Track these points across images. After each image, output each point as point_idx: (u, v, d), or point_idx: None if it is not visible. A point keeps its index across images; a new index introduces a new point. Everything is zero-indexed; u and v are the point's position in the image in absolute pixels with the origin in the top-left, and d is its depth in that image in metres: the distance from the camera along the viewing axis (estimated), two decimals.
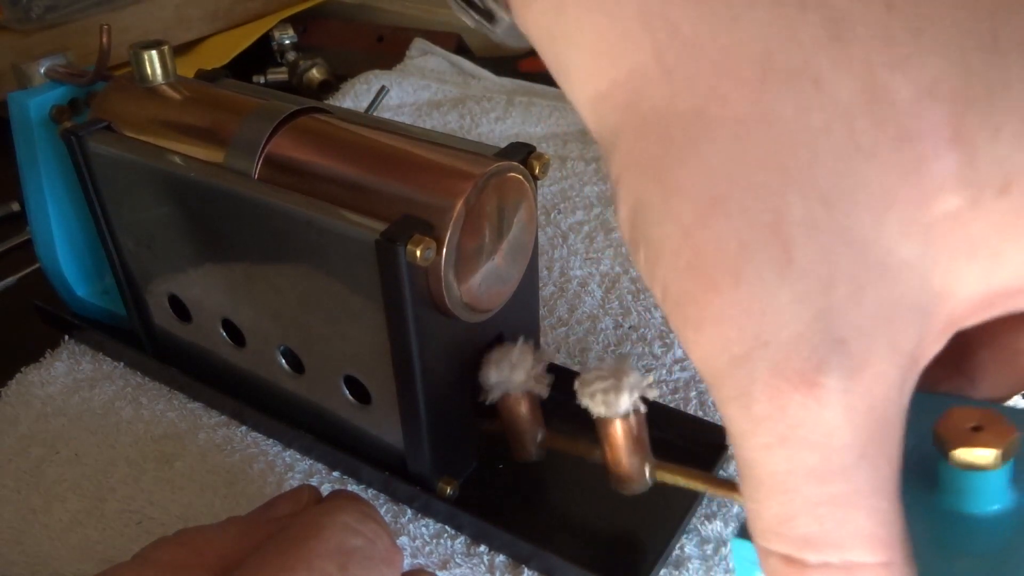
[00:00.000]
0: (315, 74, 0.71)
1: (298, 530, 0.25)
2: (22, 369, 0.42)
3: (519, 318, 0.34)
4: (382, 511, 0.34)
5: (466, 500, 0.33)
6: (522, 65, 0.72)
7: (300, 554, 0.24)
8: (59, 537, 0.33)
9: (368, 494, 0.35)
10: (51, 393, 0.40)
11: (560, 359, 0.40)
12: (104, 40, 0.37)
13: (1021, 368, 0.22)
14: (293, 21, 0.76)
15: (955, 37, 0.15)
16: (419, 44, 0.75)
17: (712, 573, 0.30)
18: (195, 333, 0.37)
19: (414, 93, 0.67)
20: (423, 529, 0.33)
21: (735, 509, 0.32)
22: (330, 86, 0.70)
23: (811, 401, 0.16)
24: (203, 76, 0.38)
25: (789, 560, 0.17)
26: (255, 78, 0.73)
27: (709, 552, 0.31)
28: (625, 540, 0.31)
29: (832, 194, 0.15)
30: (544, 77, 0.69)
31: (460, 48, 0.77)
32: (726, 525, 0.31)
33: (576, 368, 0.38)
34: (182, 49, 0.71)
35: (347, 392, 0.33)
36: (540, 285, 0.35)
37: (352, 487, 0.35)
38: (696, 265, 0.16)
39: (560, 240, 0.49)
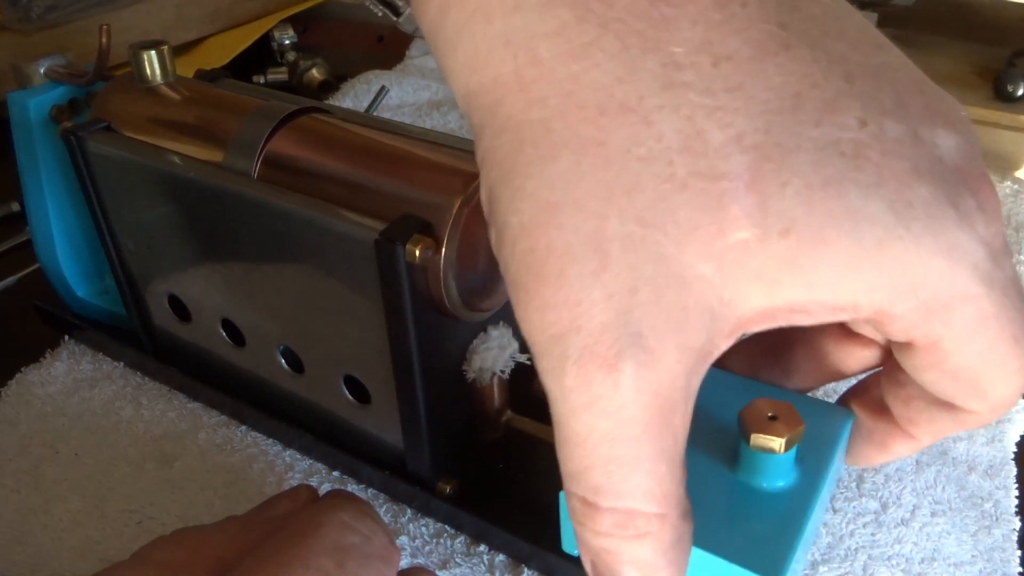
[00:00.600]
0: (315, 74, 0.71)
1: (296, 527, 0.25)
2: (22, 369, 0.42)
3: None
4: (382, 511, 0.34)
5: (466, 500, 0.33)
6: None
7: (298, 551, 0.24)
8: (59, 537, 0.33)
9: (368, 494, 0.35)
10: (51, 393, 0.40)
11: None
12: (104, 40, 0.37)
13: (827, 366, 0.26)
14: (293, 21, 0.76)
15: (765, 100, 0.18)
16: (419, 44, 0.75)
17: None
18: (195, 333, 0.37)
19: (414, 93, 0.67)
20: (423, 529, 0.33)
21: None
22: (330, 86, 0.70)
23: (609, 380, 0.19)
24: (203, 76, 0.38)
25: (585, 502, 0.20)
26: (255, 78, 0.73)
27: None
28: None
29: (647, 216, 0.18)
30: None
31: None
32: None
33: None
34: (182, 49, 0.71)
35: (347, 392, 0.33)
36: None
37: (352, 487, 0.35)
38: (529, 258, 0.20)
39: None
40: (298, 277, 0.31)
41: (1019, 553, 0.31)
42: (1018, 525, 0.33)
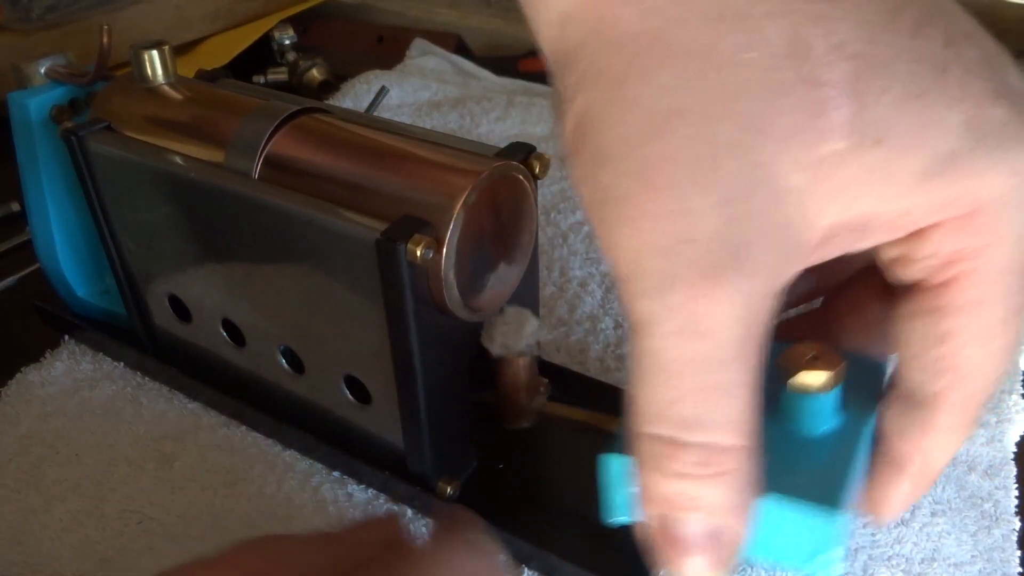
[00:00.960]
0: (315, 74, 0.71)
1: (401, 568, 0.22)
2: (22, 369, 0.42)
3: None
4: (382, 511, 0.34)
5: (466, 500, 0.33)
6: (522, 65, 0.72)
7: None
8: (59, 537, 0.33)
9: (368, 494, 0.35)
10: (51, 393, 0.40)
11: (560, 359, 0.40)
12: (105, 40, 0.37)
13: (875, 335, 0.26)
14: (293, 21, 0.76)
15: (866, 10, 0.19)
16: (419, 44, 0.75)
17: None
18: (195, 333, 0.37)
19: (414, 93, 0.67)
20: (423, 529, 0.33)
21: None
22: (330, 86, 0.70)
23: (715, 294, 0.19)
24: (203, 76, 0.38)
25: (668, 442, 0.20)
26: (255, 78, 0.73)
27: None
28: (625, 540, 0.31)
29: (755, 121, 0.19)
30: (544, 77, 0.69)
31: (460, 48, 0.77)
32: None
33: (576, 368, 0.38)
34: (182, 49, 0.71)
35: (347, 392, 0.33)
36: (540, 285, 0.35)
37: (352, 487, 0.35)
38: (641, 169, 0.19)
39: (560, 240, 0.49)
40: (299, 277, 0.31)
41: (1019, 553, 0.31)
42: (1018, 525, 0.33)
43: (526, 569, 0.31)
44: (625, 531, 0.32)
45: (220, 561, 0.23)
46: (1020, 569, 0.31)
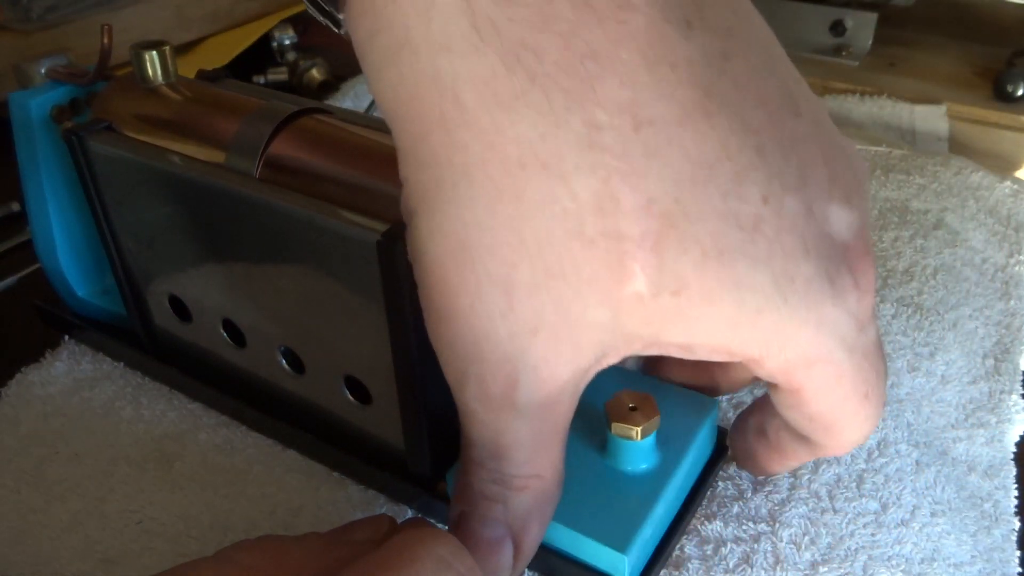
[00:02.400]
0: (315, 74, 0.71)
1: (387, 557, 0.23)
2: (22, 369, 0.42)
3: None
4: (382, 511, 0.34)
5: None
6: None
7: None
8: (59, 537, 0.33)
9: (368, 494, 0.35)
10: (51, 393, 0.40)
11: None
12: (106, 40, 0.37)
13: (704, 378, 0.32)
14: (293, 21, 0.76)
15: (679, 168, 0.19)
16: None
17: (712, 573, 0.31)
18: (195, 333, 0.37)
19: None
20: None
21: (735, 509, 0.32)
22: (330, 86, 0.70)
23: (506, 403, 0.22)
24: (204, 76, 0.38)
25: (478, 463, 0.25)
26: (255, 78, 0.73)
27: (709, 552, 0.31)
28: None
29: (553, 268, 0.20)
30: None
31: None
32: (726, 525, 0.31)
33: None
34: (182, 49, 0.71)
35: (347, 392, 0.33)
36: None
37: (352, 487, 0.35)
38: (442, 288, 0.21)
39: None
40: (300, 278, 0.31)
41: (1019, 553, 0.32)
42: (1018, 525, 0.33)
43: (526, 569, 0.31)
44: None
45: (216, 560, 0.24)
46: (1020, 569, 0.31)
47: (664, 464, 0.29)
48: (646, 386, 0.30)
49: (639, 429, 0.28)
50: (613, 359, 0.22)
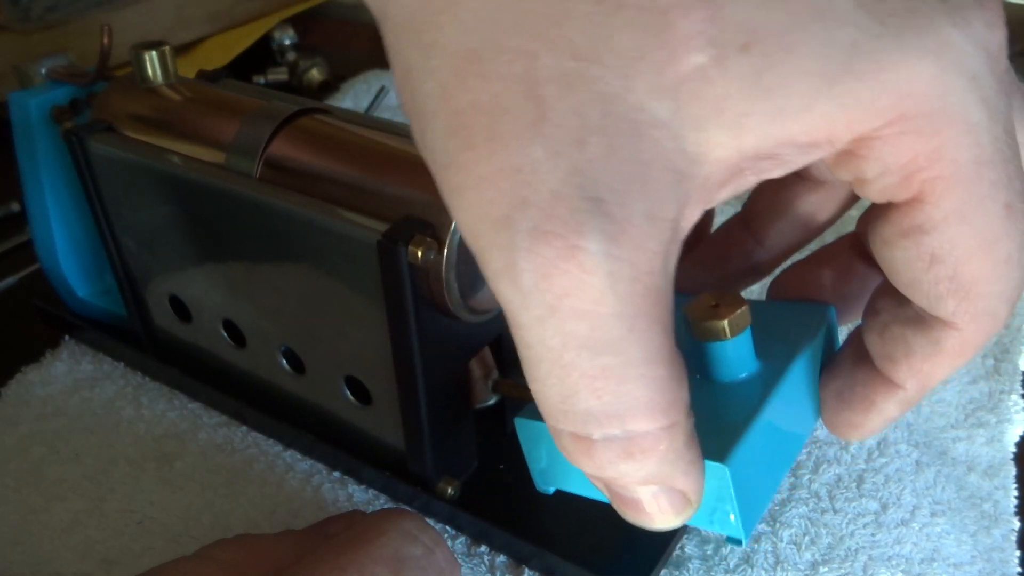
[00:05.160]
0: (315, 74, 0.71)
1: (355, 533, 0.25)
2: (22, 369, 0.42)
3: None
4: None
5: (467, 500, 0.33)
6: None
7: (355, 556, 0.24)
8: (59, 537, 0.33)
9: (369, 494, 0.35)
10: (51, 393, 0.40)
11: None
12: (105, 40, 0.37)
13: (800, 227, 0.23)
14: (293, 21, 0.76)
15: None
16: None
17: (712, 573, 0.31)
18: (196, 333, 0.37)
19: None
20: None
21: None
22: (330, 86, 0.70)
23: (574, 266, 0.15)
24: (204, 76, 0.38)
25: (576, 437, 0.17)
26: (255, 78, 0.73)
27: (709, 552, 0.31)
28: (625, 540, 0.31)
29: (582, 49, 0.15)
30: None
31: None
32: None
33: None
34: (182, 49, 0.71)
35: (348, 392, 0.33)
36: None
37: (352, 487, 0.35)
38: (454, 125, 0.16)
39: None
40: (299, 278, 0.31)
41: (1018, 553, 0.32)
42: (1017, 525, 0.33)
43: (526, 569, 0.31)
44: (625, 532, 0.32)
45: (196, 558, 0.25)
46: (1020, 569, 0.31)
47: (768, 370, 0.23)
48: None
49: (725, 323, 0.22)
50: (693, 209, 0.16)
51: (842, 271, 0.24)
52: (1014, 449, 0.36)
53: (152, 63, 0.35)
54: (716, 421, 0.22)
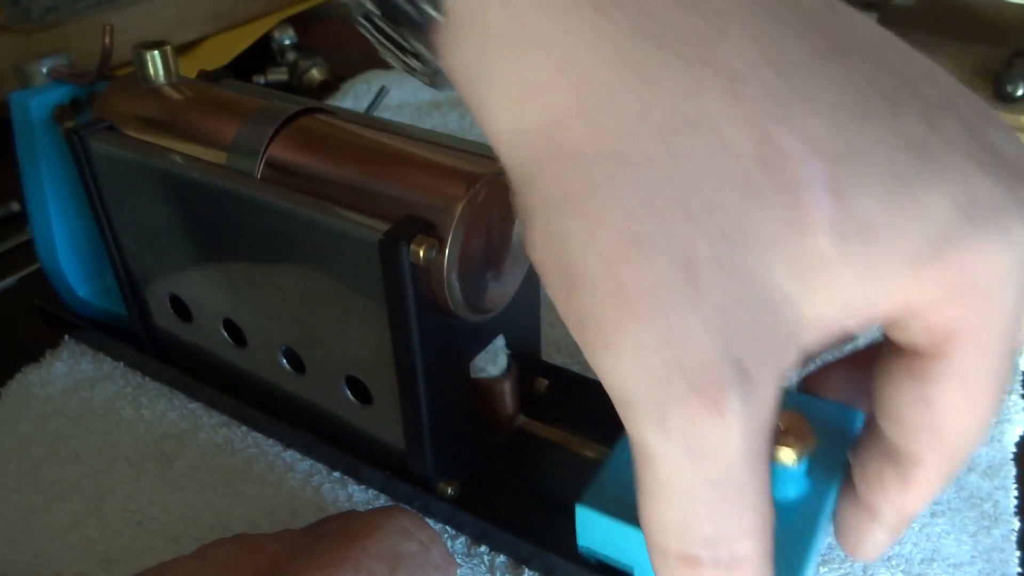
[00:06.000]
0: (315, 74, 0.71)
1: (352, 529, 0.25)
2: (22, 369, 0.42)
3: (520, 319, 0.34)
4: None
5: (467, 500, 0.33)
6: None
7: (351, 552, 0.24)
8: (59, 537, 0.33)
9: (369, 494, 0.35)
10: (51, 393, 0.40)
11: (560, 359, 0.40)
12: (107, 40, 0.37)
13: (854, 389, 0.26)
14: (293, 21, 0.76)
15: (834, 103, 0.18)
16: None
17: None
18: (196, 333, 0.37)
19: (414, 93, 0.67)
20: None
21: None
22: (330, 86, 0.71)
23: (717, 419, 0.18)
24: (205, 76, 0.38)
25: (686, 558, 0.20)
26: (255, 78, 0.73)
27: None
28: None
29: (732, 234, 0.18)
30: None
31: None
32: None
33: (576, 368, 0.38)
34: (182, 49, 0.71)
35: (348, 392, 0.33)
36: (540, 285, 0.35)
37: (352, 487, 0.35)
38: (618, 294, 0.18)
39: None
40: (300, 278, 0.31)
41: (1018, 553, 0.32)
42: (1017, 525, 0.33)
43: (526, 569, 0.31)
44: None
45: (194, 557, 0.25)
46: (1020, 569, 0.31)
47: (816, 488, 0.25)
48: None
49: (793, 454, 0.24)
50: (795, 363, 0.19)
51: (868, 376, 0.25)
52: (1014, 449, 0.36)
53: (154, 63, 0.35)
54: (777, 544, 0.23)
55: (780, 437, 0.24)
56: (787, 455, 0.24)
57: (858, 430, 0.26)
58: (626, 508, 0.25)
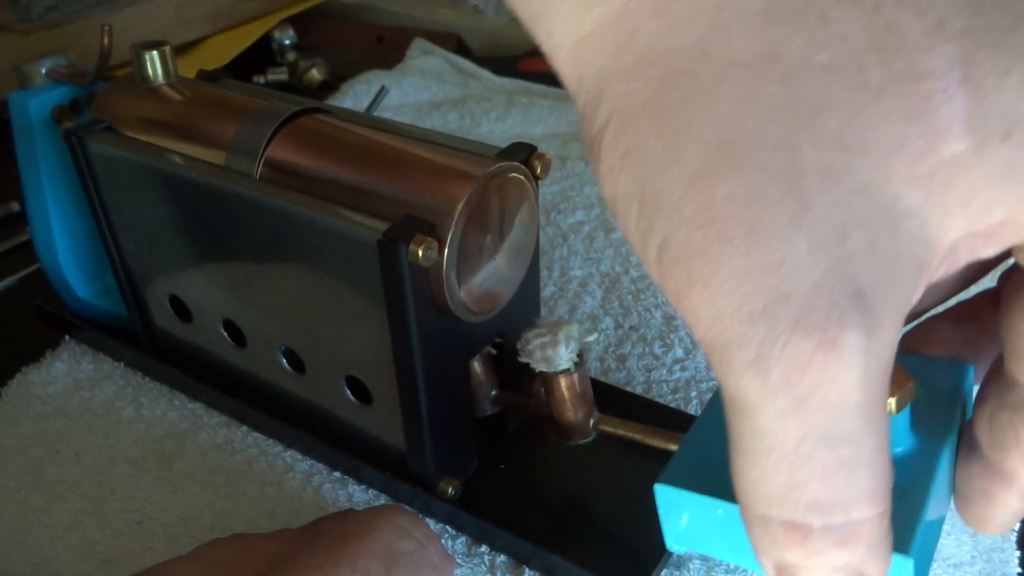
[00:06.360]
0: (315, 74, 0.71)
1: (349, 528, 0.25)
2: (22, 369, 0.42)
3: (520, 318, 0.34)
4: None
5: (467, 500, 0.33)
6: (522, 65, 0.72)
7: (347, 551, 0.24)
8: (59, 537, 0.33)
9: (369, 494, 0.35)
10: (51, 393, 0.40)
11: None
12: (106, 40, 0.37)
13: (939, 289, 0.21)
14: (293, 21, 0.76)
15: None
16: (419, 44, 0.75)
17: (712, 573, 0.31)
18: (196, 333, 0.37)
19: (414, 93, 0.67)
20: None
21: None
22: (330, 86, 0.71)
23: (832, 360, 0.15)
24: (204, 76, 0.38)
25: (793, 526, 0.17)
26: (255, 78, 0.73)
27: None
28: (625, 540, 0.31)
29: (844, 136, 0.15)
30: (544, 77, 0.70)
31: (460, 48, 0.77)
32: None
33: None
34: (182, 49, 0.71)
35: (348, 392, 0.33)
36: (541, 285, 0.35)
37: (352, 487, 0.35)
38: (704, 216, 0.15)
39: (560, 240, 0.49)
40: (300, 278, 0.31)
41: (1018, 553, 0.32)
42: (1017, 525, 0.33)
43: (526, 569, 0.31)
44: (625, 531, 0.32)
45: (192, 557, 0.25)
46: (1020, 569, 0.31)
47: (924, 446, 0.22)
48: None
49: (892, 401, 0.21)
50: (918, 295, 0.16)
51: (981, 328, 0.23)
52: None
53: (153, 63, 0.35)
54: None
55: None
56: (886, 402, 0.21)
57: (970, 385, 0.23)
58: (716, 483, 0.21)
